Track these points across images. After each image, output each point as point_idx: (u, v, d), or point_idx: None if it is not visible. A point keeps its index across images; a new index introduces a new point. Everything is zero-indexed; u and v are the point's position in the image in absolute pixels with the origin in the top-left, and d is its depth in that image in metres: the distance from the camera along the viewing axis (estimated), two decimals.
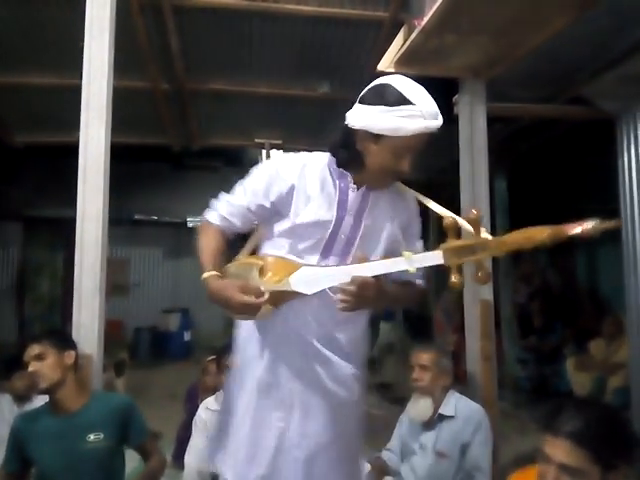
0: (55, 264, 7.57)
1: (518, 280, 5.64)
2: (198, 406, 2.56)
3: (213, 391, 2.55)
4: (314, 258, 1.37)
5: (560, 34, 2.33)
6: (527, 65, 2.89)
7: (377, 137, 1.28)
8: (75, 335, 2.15)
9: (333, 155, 1.41)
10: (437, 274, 6.76)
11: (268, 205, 1.41)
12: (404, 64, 2.66)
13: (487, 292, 2.67)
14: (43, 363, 1.84)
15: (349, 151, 1.35)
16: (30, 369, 1.83)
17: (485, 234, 1.12)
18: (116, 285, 7.24)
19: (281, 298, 1.31)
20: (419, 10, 2.43)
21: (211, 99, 4.64)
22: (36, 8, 3.39)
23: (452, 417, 2.08)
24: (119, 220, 7.24)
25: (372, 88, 1.33)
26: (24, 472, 1.90)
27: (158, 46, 3.85)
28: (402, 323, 7.50)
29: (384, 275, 1.25)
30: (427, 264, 1.18)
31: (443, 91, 3.05)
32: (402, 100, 1.24)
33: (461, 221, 1.16)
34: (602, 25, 2.48)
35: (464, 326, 2.78)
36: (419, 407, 2.10)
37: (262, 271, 1.33)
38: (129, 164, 7.30)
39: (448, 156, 3.25)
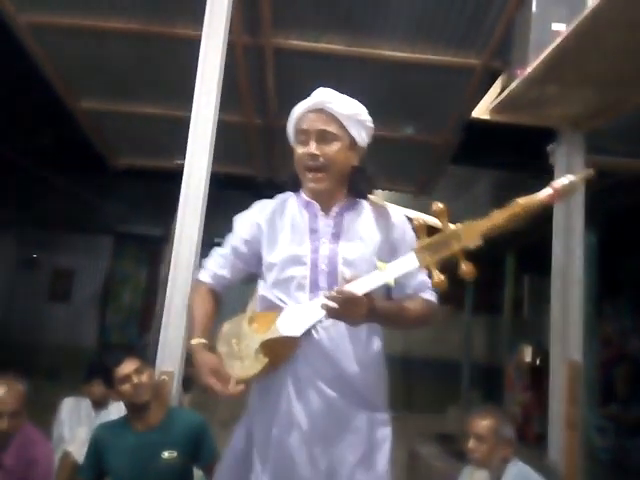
0: (139, 277, 8.07)
1: (600, 342, 5.24)
2: None
3: None
4: (305, 297, 1.32)
5: None
6: (629, 118, 2.77)
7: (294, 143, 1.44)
8: (160, 352, 2.26)
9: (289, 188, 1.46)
10: (513, 326, 6.44)
11: (245, 248, 1.45)
12: (501, 111, 2.63)
13: (577, 352, 2.49)
14: (142, 377, 1.94)
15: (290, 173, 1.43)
16: (135, 381, 1.92)
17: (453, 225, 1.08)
18: None
19: (279, 356, 1.28)
20: (521, 59, 2.41)
21: None
22: (155, 46, 3.75)
23: None
24: (202, 243, 7.62)
25: None
26: None
27: (256, 84, 4.09)
28: (470, 372, 7.16)
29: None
30: (403, 271, 1.13)
31: (536, 139, 2.99)
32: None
33: (428, 218, 1.12)
34: None
35: (535, 385, 2.60)
36: None
37: (251, 322, 1.34)
38: (215, 191, 7.70)
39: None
